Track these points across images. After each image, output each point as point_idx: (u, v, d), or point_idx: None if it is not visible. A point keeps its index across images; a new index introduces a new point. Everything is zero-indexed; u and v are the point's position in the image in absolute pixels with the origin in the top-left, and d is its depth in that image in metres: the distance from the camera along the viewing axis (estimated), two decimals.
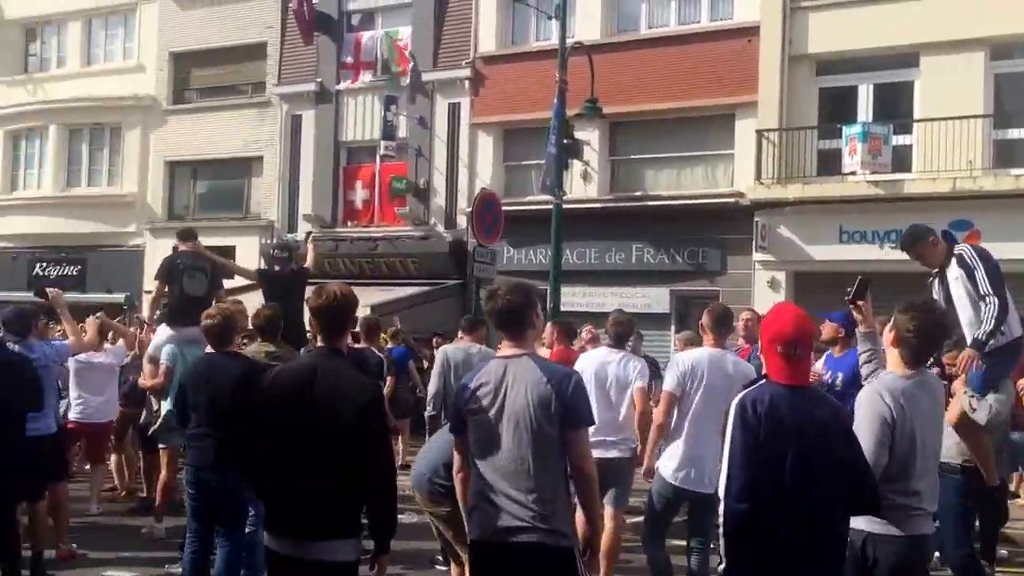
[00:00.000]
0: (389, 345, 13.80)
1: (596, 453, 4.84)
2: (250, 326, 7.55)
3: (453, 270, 19.65)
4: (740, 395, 3.83)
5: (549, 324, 9.34)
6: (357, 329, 9.53)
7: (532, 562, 3.96)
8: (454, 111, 20.45)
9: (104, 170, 24.65)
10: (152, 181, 23.92)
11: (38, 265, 25.11)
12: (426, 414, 9.56)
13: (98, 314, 9.74)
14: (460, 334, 8.75)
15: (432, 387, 8.20)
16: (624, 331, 7.52)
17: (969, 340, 5.99)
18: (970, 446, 5.99)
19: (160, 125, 23.86)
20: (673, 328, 17.25)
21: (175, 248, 9.99)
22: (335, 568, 4.07)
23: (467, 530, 4.20)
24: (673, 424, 6.30)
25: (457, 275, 19.57)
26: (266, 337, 7.12)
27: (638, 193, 18.63)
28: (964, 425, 5.92)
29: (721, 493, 3.74)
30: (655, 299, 17.81)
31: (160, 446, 8.84)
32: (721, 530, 3.74)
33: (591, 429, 4.21)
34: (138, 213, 23.84)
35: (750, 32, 17.27)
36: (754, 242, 16.89)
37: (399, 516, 4.45)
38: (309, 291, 4.62)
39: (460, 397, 4.18)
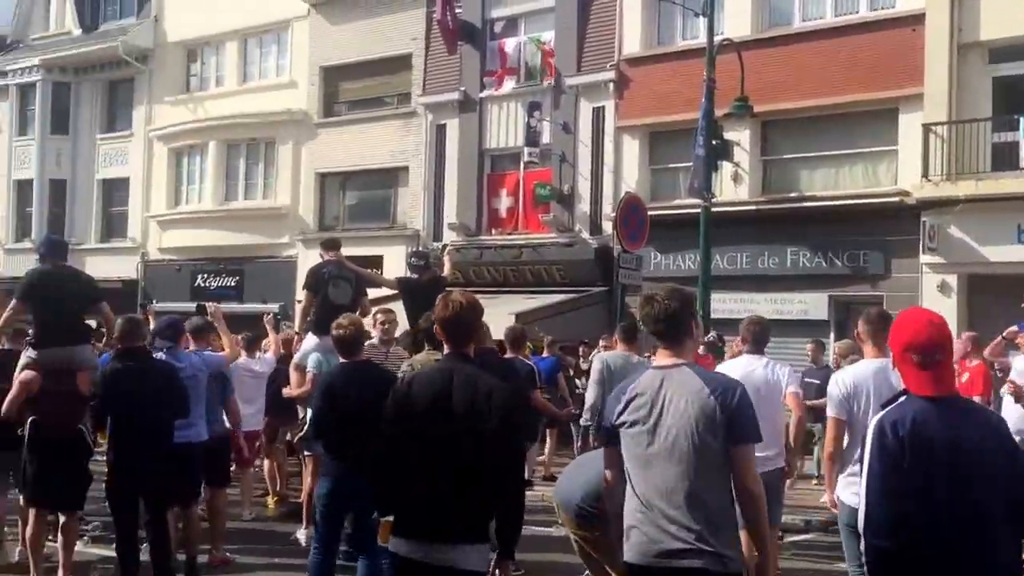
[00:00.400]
0: (544, 354, 13.56)
1: None
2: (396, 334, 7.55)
3: (599, 277, 19.27)
4: (879, 416, 3.39)
5: None
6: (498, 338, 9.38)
7: None
8: (598, 115, 20.10)
9: (259, 183, 25.44)
10: (304, 193, 24.51)
11: (199, 276, 26.11)
12: (582, 422, 9.24)
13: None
14: (616, 342, 8.43)
15: (591, 396, 7.92)
16: (762, 331, 7.00)
17: None
18: None
19: (311, 138, 24.44)
20: (832, 336, 16.34)
21: (321, 257, 10.04)
22: (466, 575, 4.00)
23: (624, 552, 3.87)
24: (846, 447, 5.72)
25: (603, 282, 19.18)
26: (433, 345, 7.00)
27: (793, 194, 17.81)
28: None
29: (860, 528, 3.32)
30: (812, 305, 16.95)
31: (305, 453, 8.86)
32: (866, 569, 3.34)
33: None
34: (291, 225, 24.47)
35: (914, 21, 16.24)
36: (921, 243, 15.83)
37: (538, 529, 4.23)
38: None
39: (612, 408, 3.92)
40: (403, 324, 9.89)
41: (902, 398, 3.40)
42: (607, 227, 19.23)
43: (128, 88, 28.48)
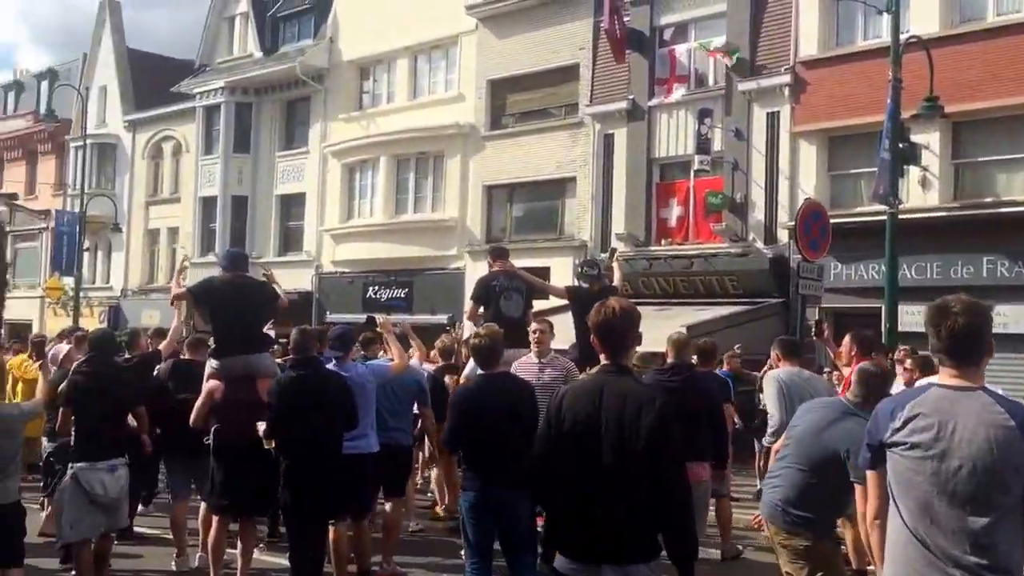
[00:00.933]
0: (724, 368, 13.00)
1: None
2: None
3: (774, 288, 18.53)
4: None
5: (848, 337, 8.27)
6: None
7: None
8: (773, 120, 19.36)
9: (428, 196, 25.83)
10: (471, 205, 24.70)
11: (370, 288, 26.72)
12: (765, 442, 8.79)
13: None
14: (778, 358, 7.95)
15: (776, 417, 7.42)
16: None
17: None
18: None
19: (478, 151, 24.62)
20: None
21: (489, 266, 9.90)
22: None
23: None
24: None
25: (778, 293, 18.44)
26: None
27: (988, 199, 16.62)
28: None
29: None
30: (1013, 318, 15.71)
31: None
32: None
33: None
34: (459, 237, 24.70)
35: None
36: None
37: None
38: (640, 311, 4.39)
39: (883, 424, 3.48)
40: (571, 336, 9.65)
41: None
42: (783, 236, 18.48)
43: (305, 107, 29.56)
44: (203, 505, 7.82)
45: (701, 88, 20.56)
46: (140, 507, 9.51)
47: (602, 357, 4.10)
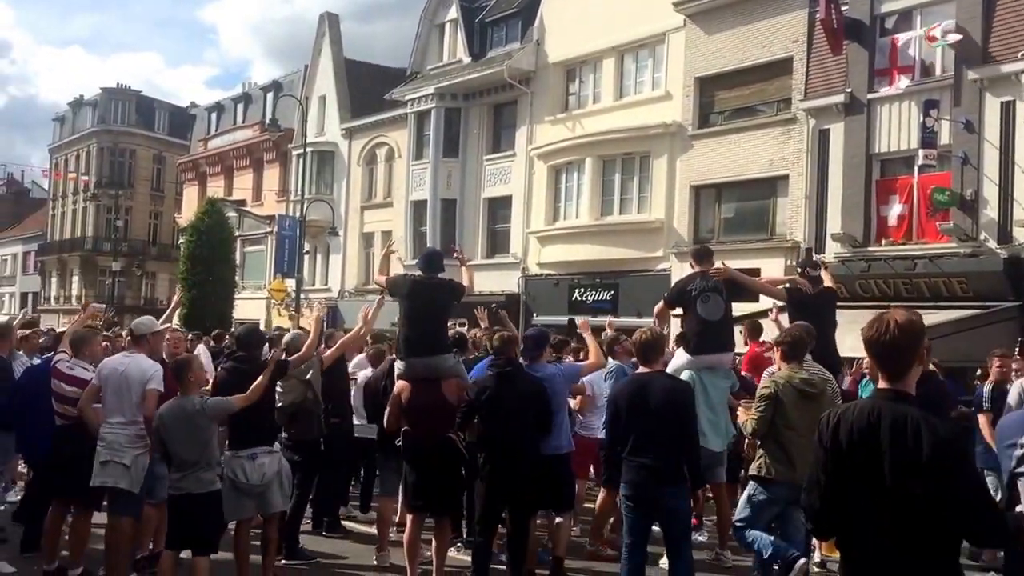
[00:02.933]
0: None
1: None
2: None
3: (1009, 290, 17.06)
4: None
5: None
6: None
7: None
8: (1007, 110, 17.85)
9: (634, 198, 25.50)
10: (678, 206, 24.20)
11: (576, 290, 26.69)
12: None
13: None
14: None
15: None
16: None
17: None
18: None
19: (686, 150, 24.09)
20: None
21: (691, 268, 9.50)
22: None
23: None
24: None
25: (1013, 296, 16.98)
26: (793, 360, 6.39)
27: None
28: None
29: None
30: None
31: None
32: None
33: None
34: (665, 238, 24.26)
35: None
36: None
37: None
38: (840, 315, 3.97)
39: None
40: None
41: None
42: (1019, 235, 16.99)
43: (512, 110, 29.93)
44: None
45: (927, 78, 19.23)
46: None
47: (881, 380, 3.60)
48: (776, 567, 6.29)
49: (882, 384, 3.54)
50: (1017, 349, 7.01)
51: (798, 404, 6.25)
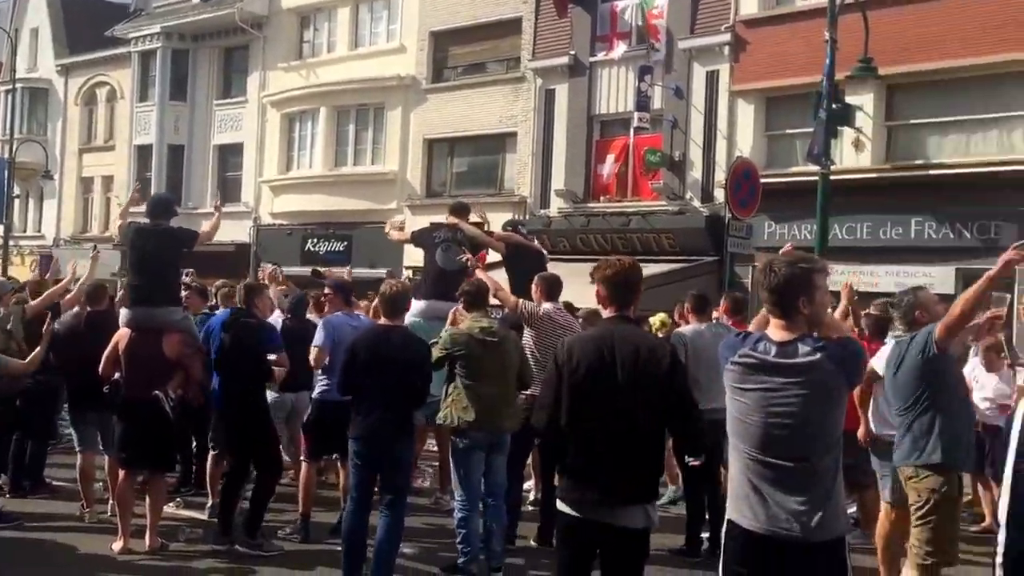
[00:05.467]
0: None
1: None
2: None
3: (710, 246, 18.67)
4: None
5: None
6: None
7: None
8: (712, 79, 19.41)
9: (369, 149, 25.57)
10: (412, 159, 24.52)
11: (309, 241, 26.46)
12: None
13: None
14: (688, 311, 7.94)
15: None
16: None
17: None
18: None
19: (420, 104, 24.38)
20: None
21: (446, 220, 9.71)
22: (637, 534, 4.12)
23: None
24: None
25: (714, 251, 18.59)
26: (475, 310, 6.72)
27: (919, 162, 16.86)
28: None
29: (1002, 518, 3.13)
30: (938, 279, 15.97)
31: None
32: (999, 560, 3.15)
33: None
34: (399, 190, 24.52)
35: None
36: None
37: None
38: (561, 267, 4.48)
39: None
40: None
41: None
42: (719, 195, 18.58)
43: (243, 55, 29.00)
44: (107, 458, 7.74)
45: (642, 45, 20.48)
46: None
47: (608, 310, 4.31)
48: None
49: (611, 313, 4.28)
50: (688, 304, 7.74)
51: (479, 353, 6.53)
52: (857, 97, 16.47)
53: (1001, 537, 3.17)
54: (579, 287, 6.67)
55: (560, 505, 4.21)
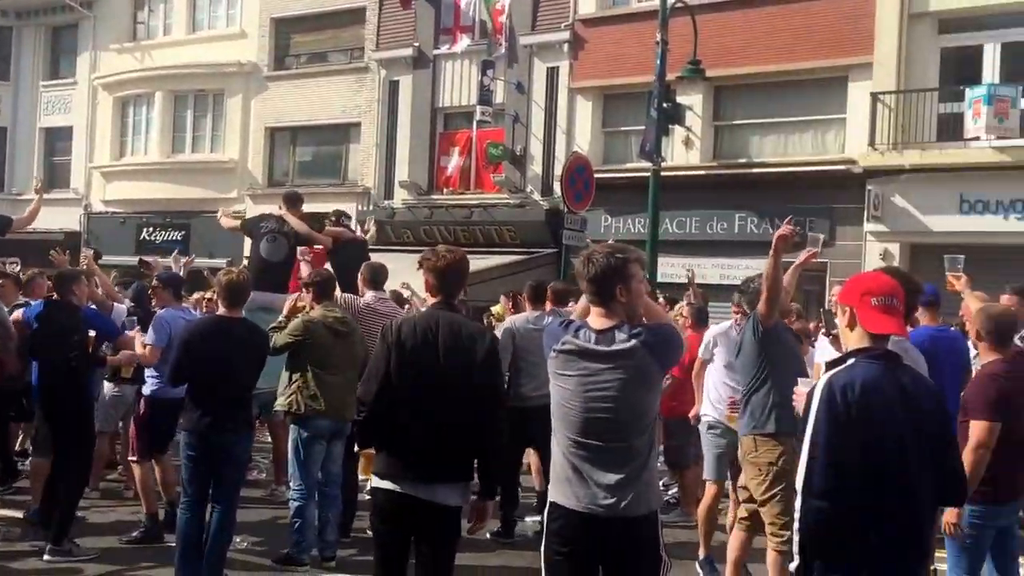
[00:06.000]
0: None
1: None
2: None
3: (549, 238, 19.24)
4: (827, 376, 3.35)
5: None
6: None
7: None
8: (552, 75, 19.97)
9: (207, 136, 24.98)
10: (253, 147, 24.12)
11: (145, 230, 25.65)
12: None
13: None
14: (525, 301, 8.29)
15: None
16: None
17: None
18: None
19: (261, 91, 24.00)
20: None
21: (279, 209, 9.70)
22: (451, 512, 4.27)
23: None
24: None
25: (553, 243, 19.14)
26: (325, 299, 6.87)
27: (743, 160, 17.88)
28: None
29: (799, 486, 3.33)
30: (759, 270, 17.03)
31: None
32: (796, 525, 3.33)
33: None
34: (239, 179, 24.09)
35: None
36: (866, 212, 16.02)
37: None
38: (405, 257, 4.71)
39: None
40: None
41: (851, 361, 3.38)
42: (558, 189, 19.15)
43: (72, 34, 27.76)
44: None
45: (485, 39, 20.83)
46: None
47: (435, 297, 4.47)
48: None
49: (436, 300, 4.45)
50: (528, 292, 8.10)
51: (330, 342, 6.65)
52: (687, 97, 17.34)
53: (797, 504, 3.36)
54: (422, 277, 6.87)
55: (378, 481, 4.30)
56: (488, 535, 7.48)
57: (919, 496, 3.32)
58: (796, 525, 3.34)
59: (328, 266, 9.04)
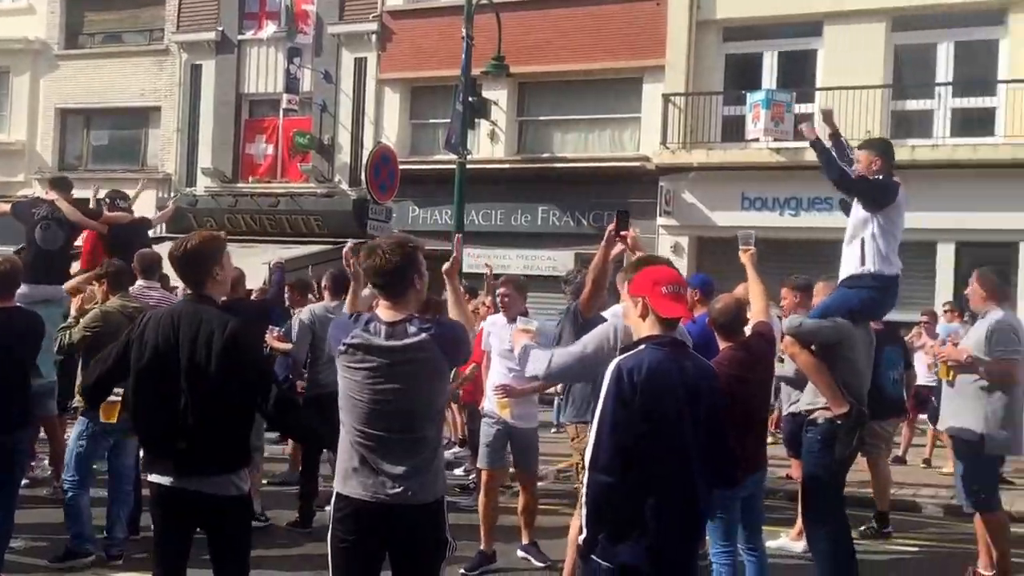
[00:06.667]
0: None
1: None
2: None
3: (357, 229, 19.25)
4: (617, 360, 3.60)
5: None
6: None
7: None
8: (360, 66, 20.00)
9: None
10: (42, 129, 22.89)
11: None
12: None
13: None
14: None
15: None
16: None
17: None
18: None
19: (51, 71, 22.80)
20: None
21: (45, 194, 9.39)
22: (227, 500, 4.10)
23: None
24: None
25: (362, 233, 19.17)
26: (119, 290, 6.77)
27: (545, 155, 18.52)
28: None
29: (587, 462, 3.55)
30: (561, 262, 17.73)
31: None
32: (583, 500, 3.55)
33: None
34: (27, 162, 22.80)
35: None
36: (658, 207, 16.96)
37: None
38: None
39: None
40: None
41: (641, 347, 3.60)
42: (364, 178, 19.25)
43: None
44: None
45: (291, 26, 20.56)
46: None
47: (189, 288, 4.30)
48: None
49: (191, 292, 4.29)
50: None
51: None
52: (493, 92, 17.79)
53: (584, 478, 3.59)
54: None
55: (151, 475, 4.20)
56: (286, 525, 7.61)
57: (695, 476, 3.58)
58: (583, 500, 3.54)
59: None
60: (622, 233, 5.29)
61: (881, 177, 6.02)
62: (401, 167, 16.18)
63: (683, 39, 16.92)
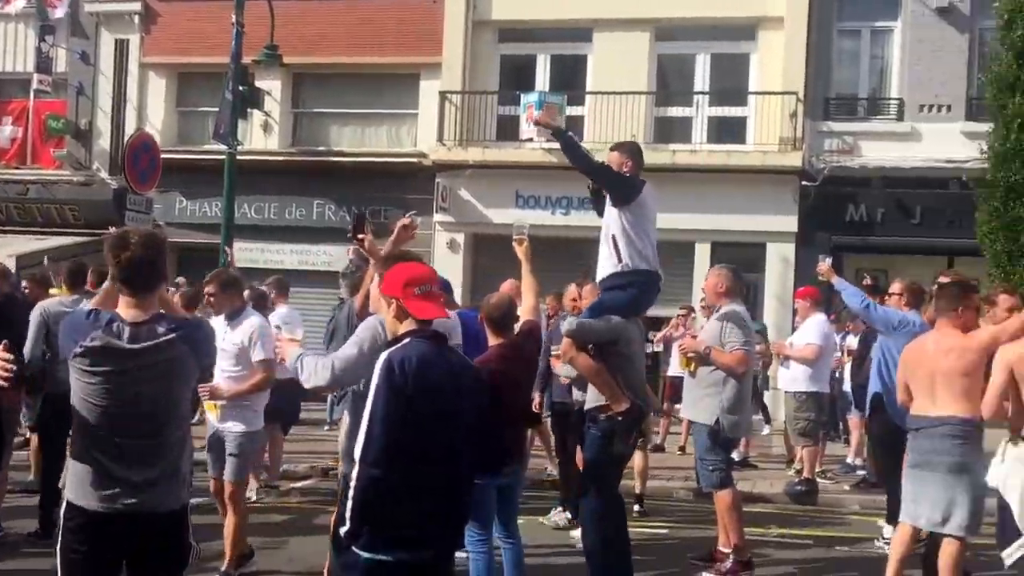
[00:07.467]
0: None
1: None
2: None
3: (117, 219, 18.18)
4: (387, 353, 3.60)
5: None
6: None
7: None
8: (122, 48, 18.92)
9: None
10: None
11: None
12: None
13: None
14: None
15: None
16: None
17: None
18: None
19: None
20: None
21: None
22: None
23: None
24: None
25: (121, 224, 18.16)
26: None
27: (321, 148, 18.21)
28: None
29: (357, 455, 3.52)
30: (337, 257, 17.41)
31: None
32: (351, 492, 3.50)
33: None
34: None
35: None
36: (435, 203, 17.04)
37: None
38: None
39: None
40: None
41: (407, 340, 3.62)
42: None
43: None
44: None
45: (44, 3, 19.19)
46: None
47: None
48: None
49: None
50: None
51: None
52: (266, 82, 17.27)
53: (354, 472, 3.50)
54: None
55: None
56: (27, 534, 7.22)
57: (460, 467, 3.66)
58: (351, 492, 3.49)
59: None
60: (359, 236, 5.17)
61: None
62: (167, 157, 15.46)
63: (459, 38, 17.09)
